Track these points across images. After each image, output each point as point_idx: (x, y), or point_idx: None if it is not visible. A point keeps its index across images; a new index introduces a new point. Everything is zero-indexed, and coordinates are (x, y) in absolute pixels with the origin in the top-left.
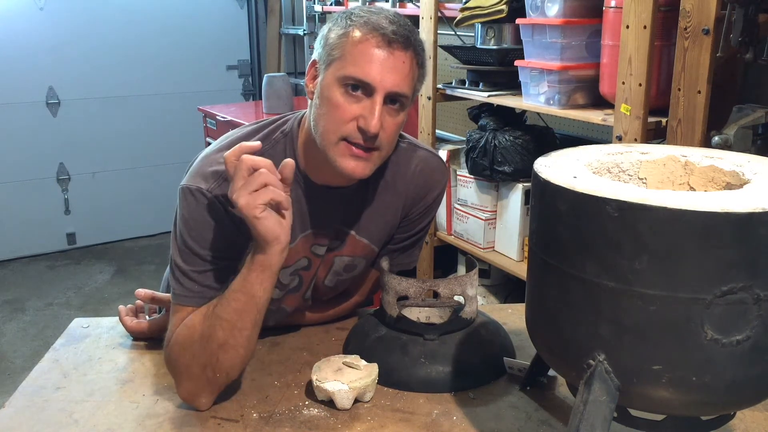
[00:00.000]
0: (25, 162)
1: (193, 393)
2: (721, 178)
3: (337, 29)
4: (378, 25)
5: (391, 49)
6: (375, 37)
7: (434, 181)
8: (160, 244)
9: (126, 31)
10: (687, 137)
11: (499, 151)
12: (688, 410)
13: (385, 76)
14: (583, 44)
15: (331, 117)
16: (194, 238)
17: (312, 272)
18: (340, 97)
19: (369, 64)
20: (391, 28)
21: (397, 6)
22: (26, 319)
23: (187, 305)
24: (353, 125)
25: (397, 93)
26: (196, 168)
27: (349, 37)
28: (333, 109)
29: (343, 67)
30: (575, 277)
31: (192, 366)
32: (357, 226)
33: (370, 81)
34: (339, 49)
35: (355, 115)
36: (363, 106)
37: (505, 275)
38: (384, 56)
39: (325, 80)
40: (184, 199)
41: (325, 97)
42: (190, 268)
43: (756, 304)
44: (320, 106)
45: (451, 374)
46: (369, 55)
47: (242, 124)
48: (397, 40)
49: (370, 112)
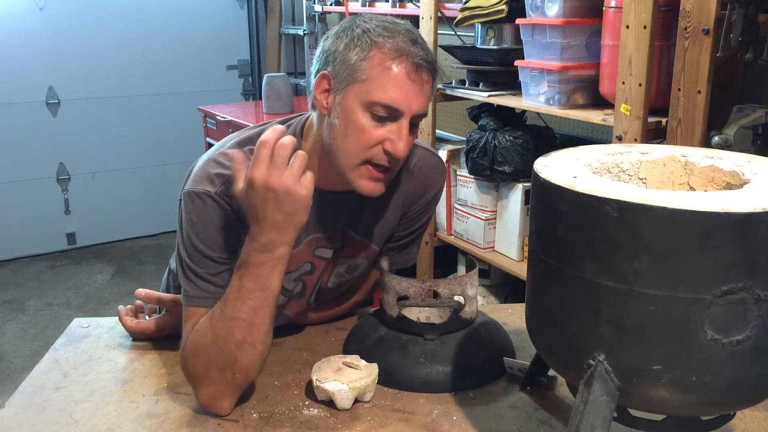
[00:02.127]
0: (25, 162)
1: (214, 397)
2: (721, 178)
3: (359, 50)
4: (405, 49)
5: (419, 74)
6: (404, 63)
7: (432, 179)
8: (160, 244)
9: (126, 31)
10: (687, 137)
11: (499, 151)
12: (688, 410)
13: (412, 101)
14: (583, 44)
15: (356, 140)
16: (204, 240)
17: (316, 276)
18: (366, 121)
19: (399, 90)
20: (418, 53)
21: (397, 6)
22: (26, 319)
23: (203, 306)
24: (379, 149)
25: (422, 114)
26: (200, 172)
27: (374, 60)
28: (358, 133)
29: (370, 92)
30: (575, 277)
31: (210, 370)
32: (359, 228)
33: (399, 107)
34: (363, 72)
35: (381, 138)
36: (389, 129)
37: (505, 275)
38: (414, 82)
39: (347, 101)
40: (191, 203)
41: (348, 119)
42: (203, 271)
43: (756, 304)
44: (341, 126)
45: (451, 374)
46: (399, 82)
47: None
48: (426, 66)
49: (398, 136)
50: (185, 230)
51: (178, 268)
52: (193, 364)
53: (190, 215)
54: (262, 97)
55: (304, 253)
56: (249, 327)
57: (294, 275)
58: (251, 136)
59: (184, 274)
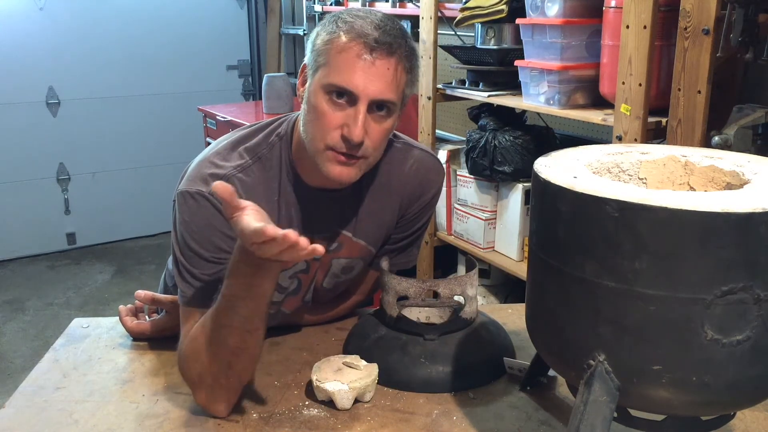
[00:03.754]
0: (25, 162)
1: (210, 401)
2: (721, 178)
3: (324, 34)
4: (362, 32)
5: (373, 56)
6: (358, 44)
7: (430, 180)
8: (160, 244)
9: (126, 31)
10: (687, 137)
11: (499, 151)
12: (688, 410)
13: (368, 84)
14: (583, 44)
15: (317, 125)
16: (198, 241)
17: (311, 275)
18: (325, 104)
19: (352, 72)
20: (375, 35)
21: (397, 6)
22: (26, 319)
23: (200, 307)
24: (337, 134)
25: (382, 100)
26: (194, 172)
27: (334, 43)
28: (318, 117)
29: (328, 75)
30: (575, 277)
31: (205, 375)
32: (353, 228)
33: (352, 89)
34: (324, 56)
35: (340, 123)
36: (347, 114)
37: (505, 275)
38: (367, 64)
39: (312, 86)
40: (184, 203)
41: (311, 103)
42: (199, 271)
43: (756, 304)
44: (308, 112)
45: (451, 374)
46: (351, 63)
47: (242, 124)
48: (380, 47)
49: (353, 120)
50: (179, 231)
51: (175, 270)
52: (188, 369)
53: (183, 215)
54: (262, 97)
55: None
56: (241, 334)
57: (289, 272)
58: (245, 135)
59: (180, 274)
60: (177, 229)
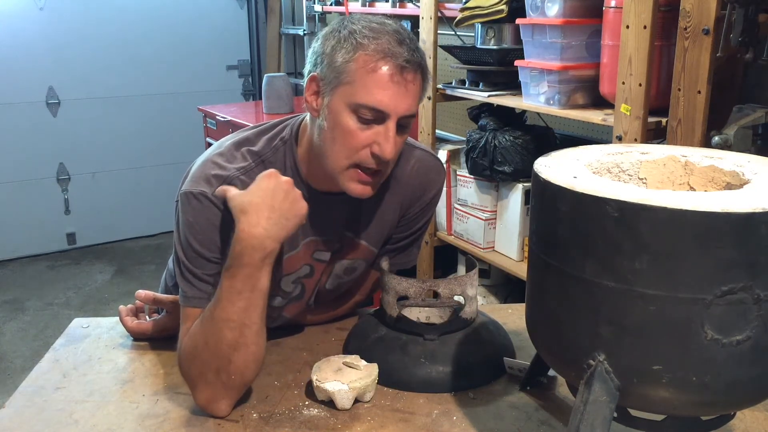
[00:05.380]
0: (25, 162)
1: (211, 399)
2: (721, 178)
3: (344, 52)
4: (390, 50)
5: (404, 75)
6: (388, 64)
7: (431, 180)
8: (160, 244)
9: (126, 31)
10: (687, 137)
11: (499, 151)
12: (688, 410)
13: (399, 103)
14: (583, 44)
15: (343, 143)
16: (201, 242)
17: (315, 279)
18: (352, 124)
19: (383, 92)
20: (404, 54)
21: (397, 6)
22: (26, 319)
23: (200, 307)
24: (366, 152)
25: (409, 115)
26: (197, 172)
27: (359, 62)
28: (345, 136)
29: (355, 94)
30: (575, 277)
31: (205, 372)
32: (357, 230)
33: (384, 109)
34: (348, 74)
35: (369, 141)
36: (376, 132)
37: (505, 275)
38: (398, 84)
39: (333, 103)
40: (188, 203)
41: (334, 121)
42: (200, 271)
43: (756, 304)
44: (329, 129)
45: (451, 374)
46: (383, 83)
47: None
48: (410, 66)
49: (384, 138)
50: (182, 231)
51: (176, 269)
52: (188, 368)
53: (186, 216)
54: (262, 97)
55: (302, 256)
56: (240, 328)
57: (292, 277)
58: (248, 137)
59: (181, 274)
60: (180, 228)
